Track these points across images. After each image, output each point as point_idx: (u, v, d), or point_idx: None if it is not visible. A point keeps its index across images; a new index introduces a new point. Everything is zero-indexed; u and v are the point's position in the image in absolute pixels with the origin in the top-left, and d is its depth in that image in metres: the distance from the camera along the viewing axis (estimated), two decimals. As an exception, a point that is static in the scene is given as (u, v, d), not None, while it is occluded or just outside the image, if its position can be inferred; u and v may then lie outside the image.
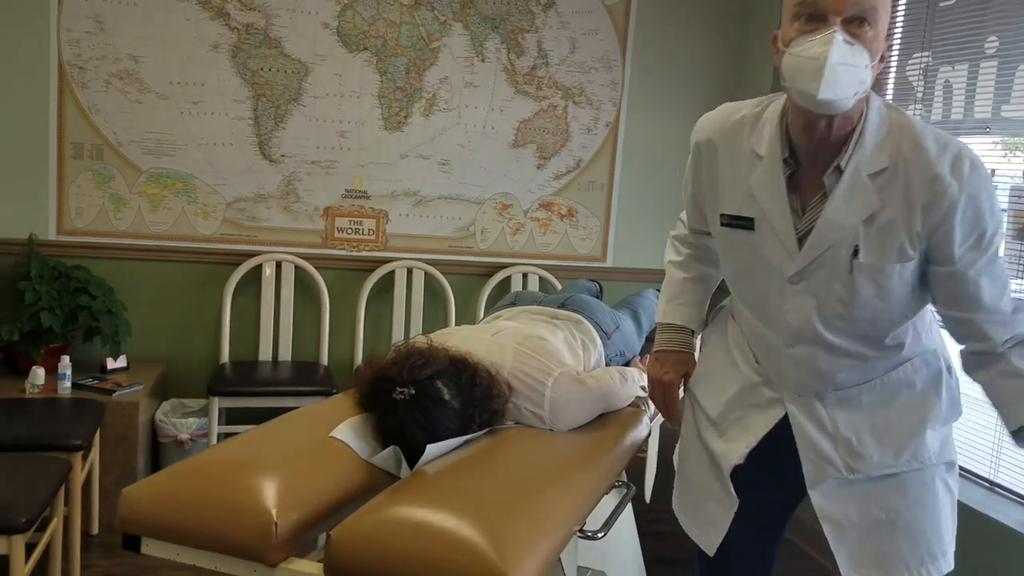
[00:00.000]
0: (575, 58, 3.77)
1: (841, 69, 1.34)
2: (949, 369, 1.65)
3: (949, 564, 1.61)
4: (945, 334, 1.65)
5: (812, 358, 1.56)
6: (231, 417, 3.41)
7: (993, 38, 2.75)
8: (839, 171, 1.45)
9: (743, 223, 1.56)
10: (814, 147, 1.47)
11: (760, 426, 1.65)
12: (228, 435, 3.31)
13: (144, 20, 3.36)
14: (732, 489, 1.67)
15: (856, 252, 1.45)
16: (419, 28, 3.61)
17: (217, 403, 3.19)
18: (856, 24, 1.36)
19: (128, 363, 3.39)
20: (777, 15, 3.71)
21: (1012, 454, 2.63)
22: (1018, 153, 2.71)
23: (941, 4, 2.97)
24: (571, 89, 3.79)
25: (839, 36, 1.34)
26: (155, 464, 3.34)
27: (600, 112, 3.84)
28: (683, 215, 1.89)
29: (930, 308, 1.61)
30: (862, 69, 1.36)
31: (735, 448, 1.66)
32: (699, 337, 1.91)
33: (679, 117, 3.93)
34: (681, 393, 1.86)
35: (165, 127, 3.44)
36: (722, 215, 1.60)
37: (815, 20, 1.38)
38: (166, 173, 3.47)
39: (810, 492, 1.62)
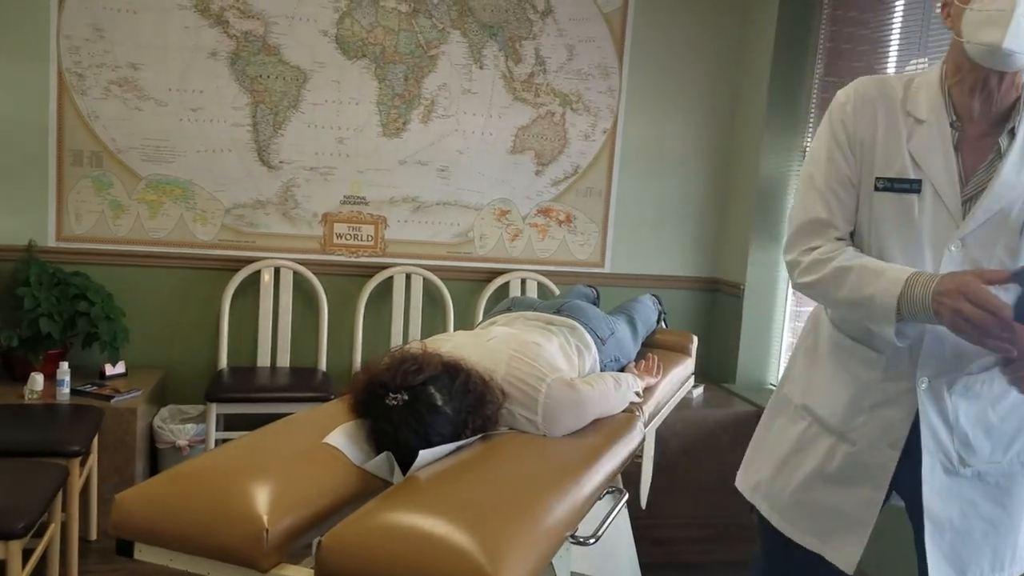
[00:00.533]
0: (572, 65, 3.78)
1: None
2: None
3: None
4: None
5: (951, 333, 1.45)
6: (229, 423, 3.42)
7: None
8: (1011, 134, 1.46)
9: (908, 186, 1.50)
10: (982, 108, 1.48)
11: (901, 420, 1.56)
12: (226, 441, 3.31)
13: (143, 28, 3.38)
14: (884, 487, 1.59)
15: None
16: (417, 35, 3.62)
17: (215, 409, 3.20)
18: None
19: (126, 369, 3.40)
20: (774, 26, 3.74)
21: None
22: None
23: (937, 10, 2.98)
24: (569, 96, 3.80)
25: None
26: (153, 470, 3.35)
27: (598, 119, 3.85)
28: (810, 237, 1.61)
29: None
30: None
31: (878, 451, 1.58)
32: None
33: (676, 124, 3.94)
34: None
35: (164, 134, 3.46)
36: (878, 179, 1.53)
37: None
38: (165, 180, 3.49)
39: (924, 486, 1.55)
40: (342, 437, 1.63)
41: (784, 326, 3.87)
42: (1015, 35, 1.35)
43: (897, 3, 3.25)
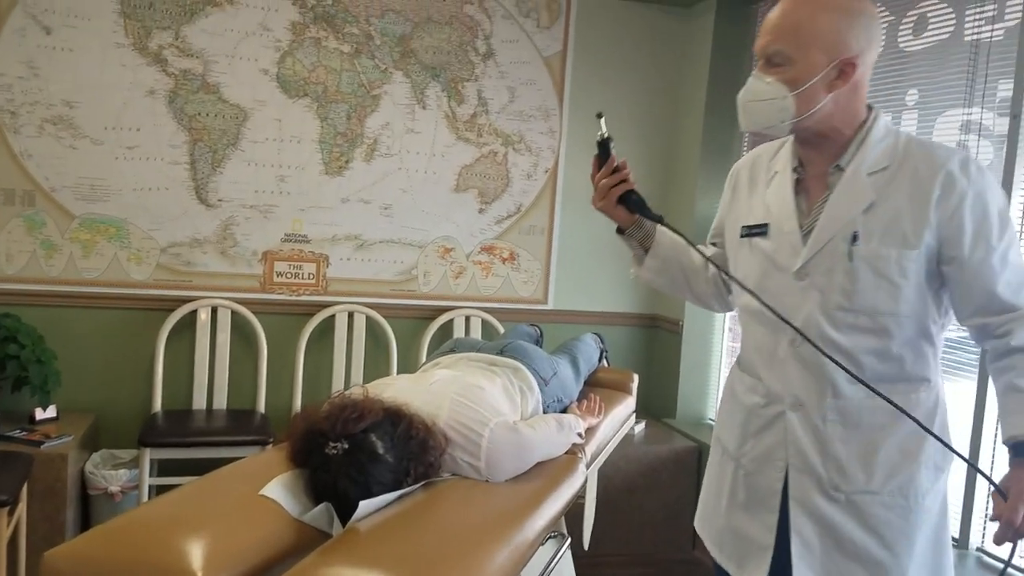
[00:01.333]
0: (514, 107, 3.83)
1: (751, 105, 1.60)
2: (945, 406, 1.67)
3: None
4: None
5: (816, 356, 1.58)
6: (164, 468, 3.33)
7: (913, 91, 2.88)
8: (840, 170, 1.61)
9: (759, 230, 1.70)
10: (813, 154, 1.64)
11: (779, 443, 1.66)
12: (160, 487, 3.23)
13: (79, 66, 3.33)
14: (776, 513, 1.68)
15: (855, 239, 1.56)
16: (360, 75, 3.63)
17: (148, 454, 3.11)
18: (771, 64, 1.57)
19: (58, 413, 3.30)
20: (707, 71, 3.86)
21: (980, 513, 2.68)
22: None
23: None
24: (511, 136, 3.85)
25: (752, 77, 1.59)
26: (84, 518, 3.24)
27: (539, 159, 3.90)
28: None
29: (938, 343, 1.65)
30: (779, 100, 1.55)
31: (765, 474, 1.68)
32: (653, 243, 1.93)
33: (617, 163, 4.01)
34: None
35: (99, 172, 3.39)
36: (743, 227, 1.75)
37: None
38: (99, 218, 3.42)
39: (791, 504, 1.64)
40: (279, 488, 1.61)
41: (721, 361, 3.94)
42: (745, 118, 1.62)
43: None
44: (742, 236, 1.74)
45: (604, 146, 1.78)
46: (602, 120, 1.77)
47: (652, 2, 3.95)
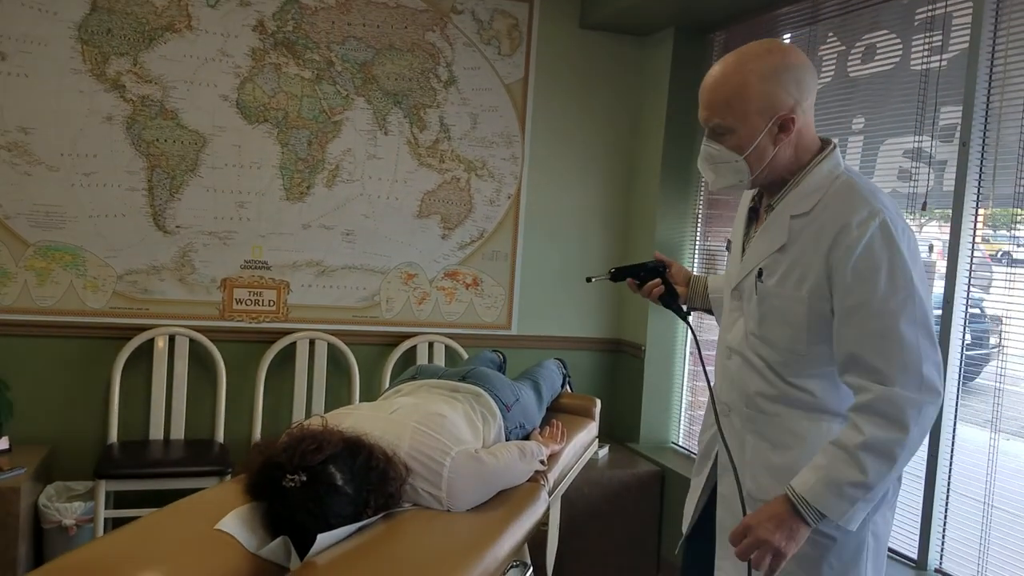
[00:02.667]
0: (476, 133, 3.85)
1: (713, 167, 1.69)
2: None
3: None
4: None
5: (738, 370, 1.74)
6: (120, 501, 3.26)
7: (859, 117, 2.95)
8: (771, 209, 1.71)
9: (728, 246, 1.90)
10: (764, 192, 1.76)
11: (713, 440, 1.81)
12: (116, 520, 3.16)
13: (36, 92, 3.28)
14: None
15: (760, 275, 1.68)
16: (321, 101, 3.63)
17: (104, 486, 3.05)
18: (715, 135, 1.67)
19: (10, 444, 3.21)
20: (665, 97, 3.92)
21: (898, 516, 2.73)
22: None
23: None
24: (473, 162, 3.86)
25: (704, 143, 1.69)
26: (38, 552, 3.16)
27: (502, 185, 3.92)
28: None
29: None
30: (733, 163, 1.65)
31: (704, 466, 1.88)
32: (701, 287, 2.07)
33: (577, 190, 4.05)
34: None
35: (55, 199, 3.34)
36: (727, 239, 1.96)
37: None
38: (54, 246, 3.36)
39: (717, 497, 1.77)
40: (236, 522, 1.58)
41: (683, 385, 3.96)
42: (713, 179, 1.71)
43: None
44: (726, 248, 1.95)
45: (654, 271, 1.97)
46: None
47: (611, 31, 4.01)
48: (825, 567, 1.63)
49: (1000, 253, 2.56)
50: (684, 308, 1.94)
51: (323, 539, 1.56)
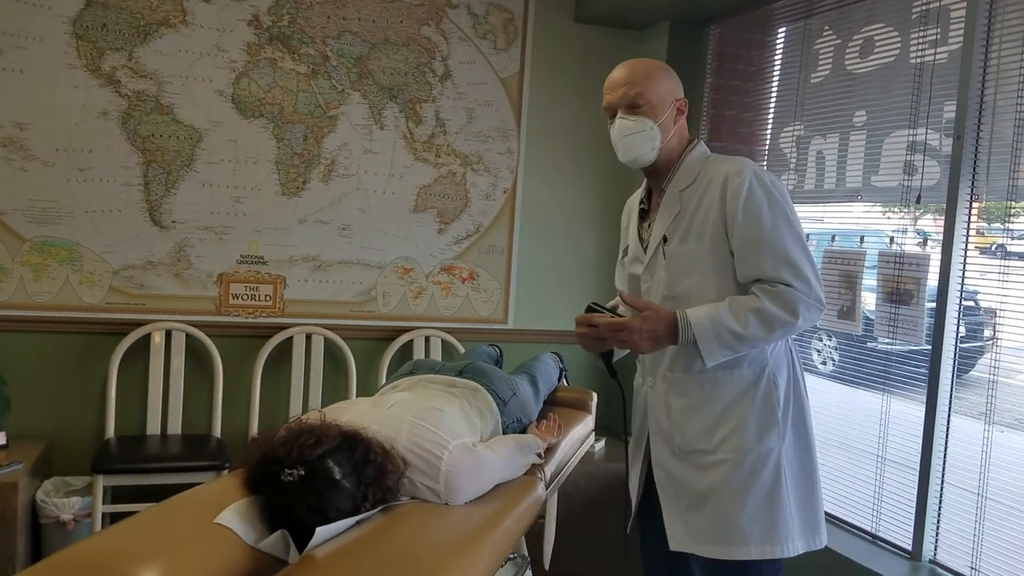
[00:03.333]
0: (472, 127, 3.85)
1: (629, 139, 2.00)
2: (775, 381, 1.98)
3: (774, 552, 1.93)
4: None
5: None
6: (118, 495, 3.26)
7: (861, 112, 2.96)
8: (663, 191, 2.05)
9: (625, 252, 2.22)
10: (653, 183, 2.10)
11: (643, 416, 2.14)
12: (114, 515, 3.17)
13: (30, 87, 3.28)
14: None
15: (665, 240, 2.00)
16: (316, 96, 3.63)
17: (101, 481, 3.05)
18: (632, 107, 1.99)
19: (7, 440, 3.22)
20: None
21: (893, 507, 2.76)
22: (890, 216, 2.90)
23: (812, 80, 3.18)
24: (469, 157, 3.86)
25: (619, 120, 2.01)
26: (36, 548, 3.16)
27: (498, 179, 3.92)
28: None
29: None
30: (648, 130, 1.99)
31: (640, 439, 2.18)
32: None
33: (573, 183, 4.05)
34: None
35: (51, 194, 3.34)
36: (621, 250, 2.26)
37: (611, 115, 2.05)
38: (50, 241, 3.36)
39: (653, 462, 2.06)
40: (235, 516, 1.59)
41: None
42: (624, 151, 2.02)
43: (774, 75, 3.46)
44: (619, 261, 2.26)
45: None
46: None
47: (607, 25, 4.01)
48: (751, 493, 1.94)
49: (994, 246, 2.57)
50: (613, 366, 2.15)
51: (322, 532, 1.56)
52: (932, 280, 2.59)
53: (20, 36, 3.26)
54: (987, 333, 2.59)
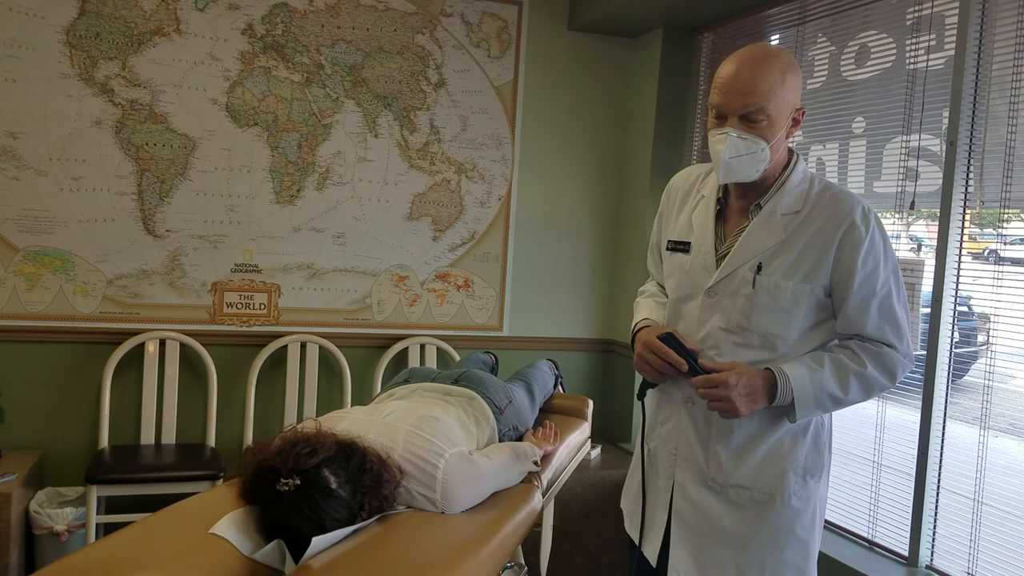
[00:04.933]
0: (466, 135, 3.85)
1: (735, 161, 1.72)
2: (823, 421, 1.86)
3: None
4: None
5: (719, 358, 1.81)
6: (112, 506, 3.25)
7: (860, 119, 2.96)
8: (759, 208, 1.80)
9: (682, 247, 1.91)
10: (738, 190, 1.84)
11: (675, 431, 1.88)
12: (108, 525, 3.15)
13: (23, 97, 3.27)
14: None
15: (759, 269, 1.77)
16: (311, 104, 3.62)
17: (96, 491, 3.04)
18: (749, 120, 1.70)
19: (1, 451, 3.20)
20: (654, 98, 3.92)
21: (889, 513, 2.76)
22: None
23: (808, 87, 3.18)
24: (464, 164, 3.87)
25: (732, 135, 1.70)
26: (30, 558, 3.14)
27: (492, 186, 3.92)
28: (651, 271, 2.17)
29: None
30: (759, 152, 1.72)
31: (664, 457, 1.91)
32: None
33: (567, 190, 4.06)
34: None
35: (44, 204, 3.33)
36: (668, 241, 1.96)
37: (720, 116, 1.74)
38: (44, 251, 3.34)
39: (675, 488, 1.86)
40: (230, 526, 1.58)
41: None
42: (727, 173, 1.74)
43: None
44: (667, 249, 1.96)
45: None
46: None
47: (599, 32, 4.02)
48: (791, 538, 1.81)
49: (987, 251, 2.58)
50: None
51: (318, 542, 1.55)
52: (927, 285, 2.60)
53: (13, 45, 3.25)
54: (981, 338, 2.60)
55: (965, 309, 2.61)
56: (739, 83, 1.70)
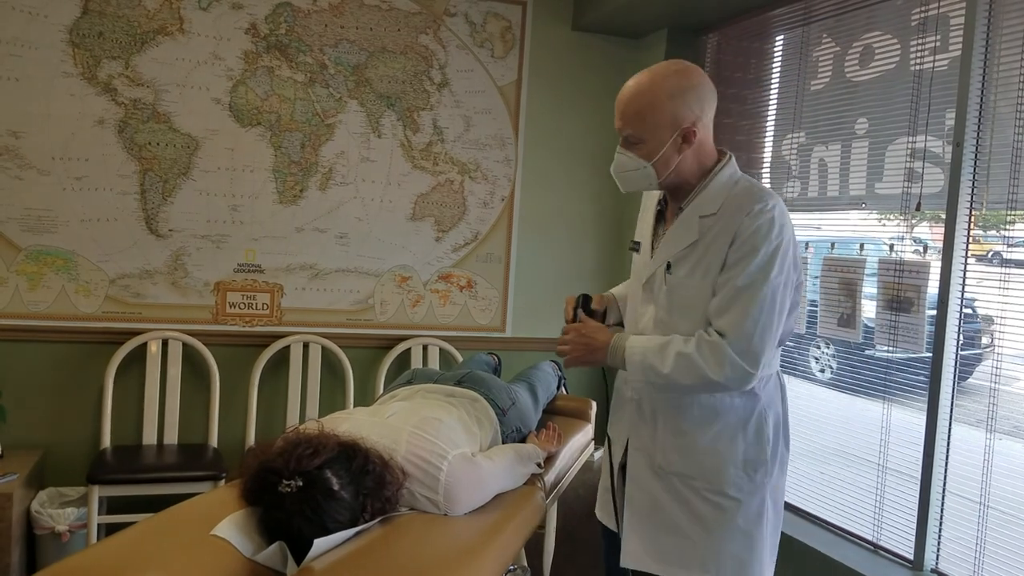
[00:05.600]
0: (470, 136, 3.85)
1: (623, 175, 1.91)
2: (765, 417, 1.90)
3: None
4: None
5: None
6: (113, 506, 3.24)
7: (863, 120, 2.95)
8: (682, 210, 1.90)
9: (635, 246, 2.05)
10: (671, 196, 1.96)
11: (626, 421, 2.01)
12: (110, 526, 3.14)
13: (26, 96, 3.27)
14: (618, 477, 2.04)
15: (668, 267, 1.88)
16: (314, 104, 3.62)
17: (97, 492, 3.03)
18: (628, 142, 1.88)
19: (2, 450, 3.20)
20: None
21: (894, 516, 2.74)
22: (885, 224, 2.89)
23: (811, 88, 3.17)
24: (467, 165, 3.86)
25: (618, 153, 1.91)
26: (31, 558, 3.14)
27: (495, 187, 3.91)
28: None
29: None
30: (643, 169, 1.87)
31: (617, 445, 2.04)
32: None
33: (570, 191, 4.05)
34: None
35: (46, 203, 3.32)
36: (630, 241, 2.10)
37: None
38: (46, 250, 3.34)
39: (627, 476, 1.96)
40: (231, 528, 1.57)
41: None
42: (623, 183, 1.93)
43: (773, 83, 3.45)
44: (629, 248, 2.11)
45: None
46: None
47: (604, 33, 4.01)
48: (731, 528, 1.86)
49: (991, 253, 2.57)
50: None
51: (320, 544, 1.54)
52: (932, 287, 2.58)
53: (16, 44, 3.25)
54: (986, 340, 2.59)
55: (970, 311, 2.60)
56: (617, 109, 1.90)
